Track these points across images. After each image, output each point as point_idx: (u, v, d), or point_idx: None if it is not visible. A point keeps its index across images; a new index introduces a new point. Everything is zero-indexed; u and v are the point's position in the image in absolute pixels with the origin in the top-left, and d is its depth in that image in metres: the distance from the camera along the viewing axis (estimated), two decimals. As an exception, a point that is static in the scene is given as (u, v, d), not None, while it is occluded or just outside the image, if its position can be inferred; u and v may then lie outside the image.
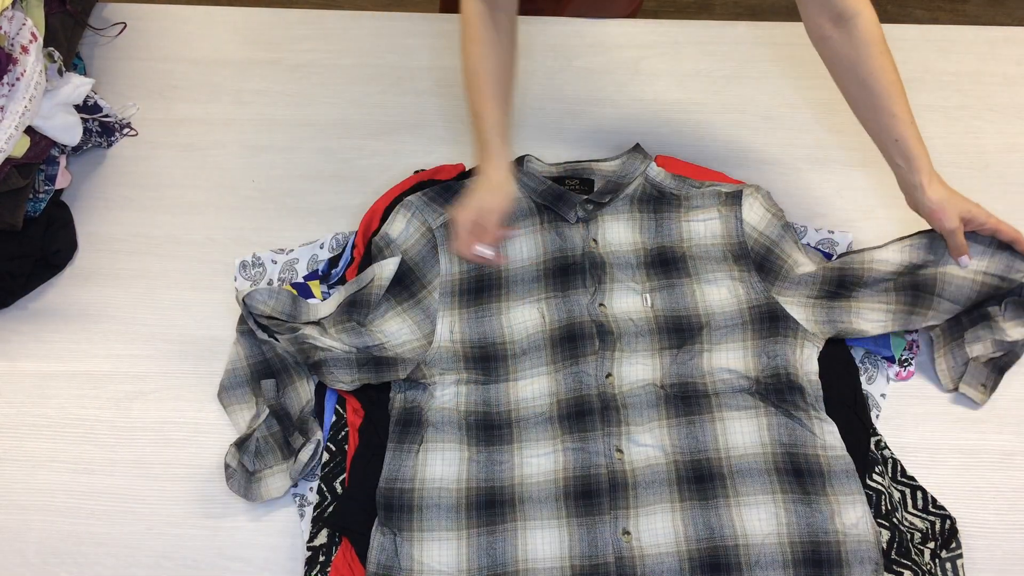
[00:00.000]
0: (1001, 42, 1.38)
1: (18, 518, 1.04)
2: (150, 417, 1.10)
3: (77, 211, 1.24)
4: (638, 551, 0.92)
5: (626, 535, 0.93)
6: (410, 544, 0.95)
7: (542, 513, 0.95)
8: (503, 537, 0.94)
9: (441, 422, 1.01)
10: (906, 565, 0.93)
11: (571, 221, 1.11)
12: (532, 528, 0.94)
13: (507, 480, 0.97)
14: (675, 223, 1.11)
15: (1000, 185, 1.25)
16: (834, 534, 0.92)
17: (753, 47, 1.38)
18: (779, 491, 0.95)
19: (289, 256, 1.20)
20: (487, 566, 0.93)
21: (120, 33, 1.40)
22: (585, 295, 1.06)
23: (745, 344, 1.03)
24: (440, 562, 0.94)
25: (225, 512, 1.04)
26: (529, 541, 0.94)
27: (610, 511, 0.94)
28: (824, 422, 0.99)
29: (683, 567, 0.91)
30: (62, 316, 1.17)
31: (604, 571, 0.91)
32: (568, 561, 0.93)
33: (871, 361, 1.10)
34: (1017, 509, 1.02)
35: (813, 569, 0.91)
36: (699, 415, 1.00)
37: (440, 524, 0.96)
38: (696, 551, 0.92)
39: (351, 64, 1.37)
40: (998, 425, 1.07)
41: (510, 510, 0.96)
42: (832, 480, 0.96)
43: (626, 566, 0.92)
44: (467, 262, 1.09)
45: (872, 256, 1.06)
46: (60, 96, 1.18)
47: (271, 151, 1.30)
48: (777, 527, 0.93)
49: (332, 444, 1.05)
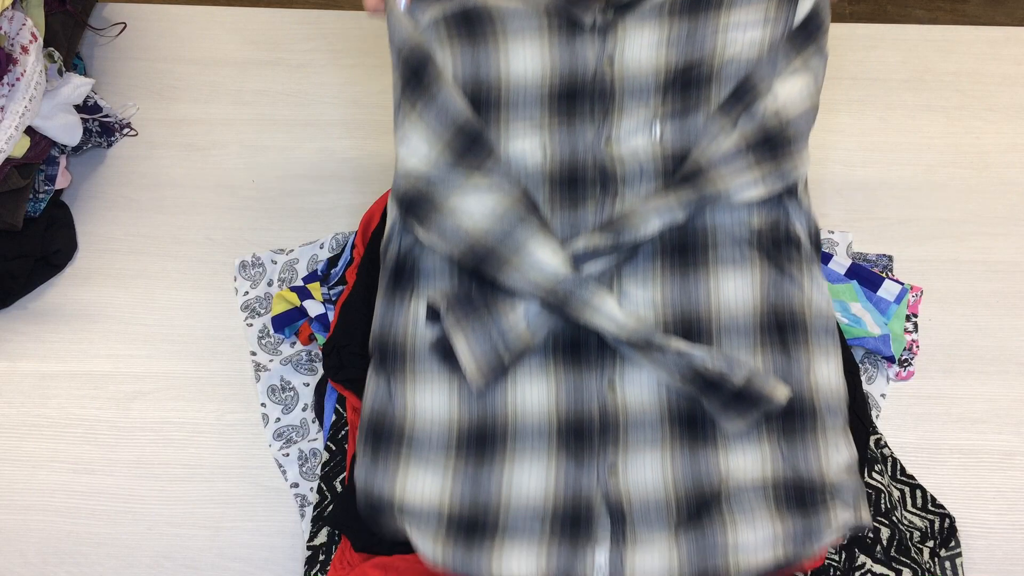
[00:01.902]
0: (1001, 42, 1.38)
1: (18, 518, 1.04)
2: (150, 417, 1.10)
3: (77, 211, 1.24)
4: (623, 485, 0.92)
5: (612, 471, 0.92)
6: (403, 387, 0.94)
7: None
8: (492, 387, 0.93)
9: (432, 269, 0.96)
10: (905, 563, 0.93)
11: (586, 27, 0.96)
12: (521, 376, 0.94)
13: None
14: (710, 29, 0.95)
15: (1000, 185, 1.25)
16: (808, 388, 0.92)
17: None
18: (760, 344, 0.94)
19: (289, 256, 1.20)
20: (478, 416, 0.93)
21: (120, 33, 1.40)
22: (591, 128, 0.97)
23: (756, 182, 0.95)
24: (432, 407, 0.93)
25: (225, 512, 1.04)
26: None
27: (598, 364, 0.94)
28: (815, 279, 0.97)
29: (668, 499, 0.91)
30: (62, 316, 1.17)
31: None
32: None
33: (871, 361, 1.10)
34: (1017, 509, 1.02)
35: (786, 421, 0.92)
36: (694, 268, 0.96)
37: (432, 368, 0.94)
38: (684, 490, 0.91)
39: (351, 64, 1.37)
40: (998, 425, 1.07)
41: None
42: (812, 335, 0.94)
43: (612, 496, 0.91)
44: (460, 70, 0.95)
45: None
46: (60, 96, 1.18)
47: (271, 151, 1.30)
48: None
49: (332, 443, 1.05)
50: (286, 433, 1.08)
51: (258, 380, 1.11)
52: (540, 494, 0.92)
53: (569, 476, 0.92)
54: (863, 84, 1.34)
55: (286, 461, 1.06)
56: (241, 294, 1.18)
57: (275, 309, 1.12)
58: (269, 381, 1.11)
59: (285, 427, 1.09)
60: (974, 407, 1.08)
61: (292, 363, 1.12)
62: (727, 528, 0.90)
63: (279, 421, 1.09)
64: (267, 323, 1.15)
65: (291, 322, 1.12)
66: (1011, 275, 1.18)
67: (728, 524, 0.90)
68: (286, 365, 1.12)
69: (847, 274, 1.14)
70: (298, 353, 1.13)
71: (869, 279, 1.13)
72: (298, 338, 1.13)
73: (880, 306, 1.12)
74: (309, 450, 1.07)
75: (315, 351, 1.13)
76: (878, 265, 1.17)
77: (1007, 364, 1.11)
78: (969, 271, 1.18)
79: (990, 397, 1.09)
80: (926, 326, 1.14)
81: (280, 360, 1.12)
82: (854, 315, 1.10)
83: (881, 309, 1.12)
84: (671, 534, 0.91)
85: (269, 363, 1.12)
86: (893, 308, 1.12)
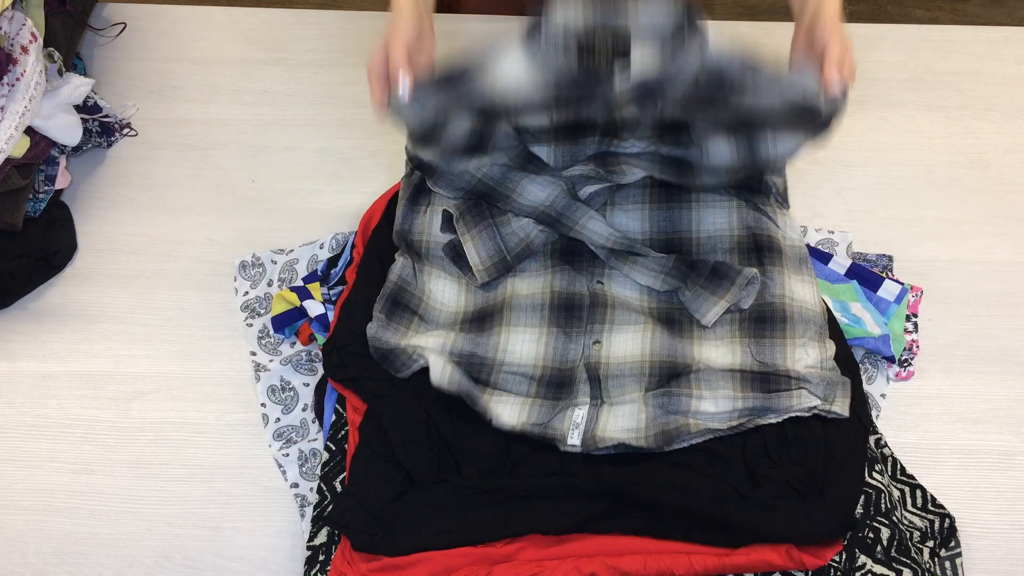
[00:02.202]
0: (1001, 42, 1.38)
1: (18, 518, 1.04)
2: (150, 417, 1.10)
3: (77, 211, 1.24)
4: (605, 356, 1.03)
5: (597, 344, 1.04)
6: (421, 275, 1.09)
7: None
8: (496, 283, 1.08)
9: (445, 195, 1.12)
10: (905, 563, 0.93)
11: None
12: (521, 273, 1.08)
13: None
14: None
15: (1000, 185, 1.25)
16: (781, 298, 1.04)
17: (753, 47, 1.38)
18: (738, 262, 1.06)
19: (289, 256, 1.20)
20: (482, 305, 1.07)
21: (120, 33, 1.40)
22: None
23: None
24: (443, 296, 1.08)
25: (225, 512, 1.04)
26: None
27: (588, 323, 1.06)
28: (788, 218, 1.12)
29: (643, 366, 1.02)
30: (62, 316, 1.17)
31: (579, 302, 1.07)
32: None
33: (871, 361, 1.10)
34: (1017, 509, 1.02)
35: (757, 325, 1.03)
36: (679, 203, 1.11)
37: (444, 266, 1.09)
38: (658, 363, 1.02)
39: (351, 64, 1.37)
40: (998, 425, 1.07)
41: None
42: (787, 261, 1.06)
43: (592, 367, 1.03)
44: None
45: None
46: (60, 96, 1.18)
47: (271, 151, 1.30)
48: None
49: (332, 443, 1.05)
50: (286, 433, 1.08)
51: (258, 380, 1.11)
52: (531, 359, 1.04)
53: (558, 346, 1.04)
54: (863, 84, 1.33)
55: (286, 461, 1.06)
56: (241, 294, 1.18)
57: (275, 309, 1.12)
58: (269, 381, 1.11)
59: (285, 427, 1.09)
60: (974, 407, 1.08)
61: (292, 363, 1.12)
62: (692, 396, 0.99)
63: (279, 421, 1.09)
64: (267, 323, 1.15)
65: (291, 322, 1.12)
66: (1011, 275, 1.18)
67: (693, 392, 1.00)
68: (286, 365, 1.12)
69: (847, 274, 1.14)
70: (298, 353, 1.13)
71: (869, 279, 1.13)
72: (298, 338, 1.13)
73: (880, 306, 1.12)
74: (309, 450, 1.07)
75: (315, 351, 1.13)
76: (878, 265, 1.17)
77: (1007, 364, 1.11)
78: (969, 271, 1.18)
79: (990, 397, 1.09)
80: (926, 326, 1.14)
81: (280, 360, 1.12)
82: (854, 315, 1.10)
83: (881, 309, 1.12)
84: (642, 397, 1.01)
85: (269, 363, 1.12)
86: (893, 308, 1.12)
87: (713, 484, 0.96)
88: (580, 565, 0.93)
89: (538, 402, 1.02)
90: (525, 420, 1.01)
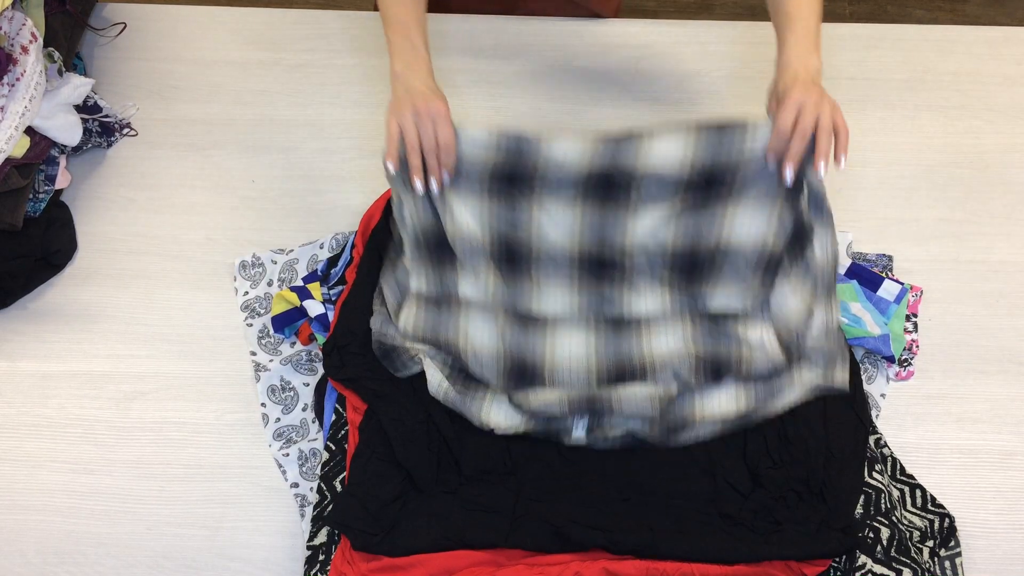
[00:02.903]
0: (1001, 42, 1.38)
1: (18, 518, 1.04)
2: (150, 417, 1.10)
3: (77, 211, 1.24)
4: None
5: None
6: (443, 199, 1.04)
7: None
8: (520, 206, 1.05)
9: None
10: (905, 563, 0.93)
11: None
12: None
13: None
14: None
15: (1000, 185, 1.25)
16: (717, 238, 1.03)
17: (753, 47, 1.38)
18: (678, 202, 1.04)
19: (289, 256, 1.20)
20: (505, 234, 1.06)
21: (120, 33, 1.40)
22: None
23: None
24: (465, 220, 1.04)
25: (225, 512, 1.04)
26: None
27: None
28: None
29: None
30: (62, 316, 1.17)
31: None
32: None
33: (871, 361, 1.10)
34: (1017, 509, 1.02)
35: (689, 272, 1.04)
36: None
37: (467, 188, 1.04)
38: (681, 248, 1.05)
39: (351, 64, 1.37)
40: (998, 425, 1.07)
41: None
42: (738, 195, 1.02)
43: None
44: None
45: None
46: (60, 96, 1.18)
47: (271, 151, 1.30)
48: (672, 238, 1.04)
49: (332, 443, 1.05)
50: (286, 433, 1.08)
51: (258, 380, 1.11)
52: (566, 243, 1.05)
53: (594, 230, 1.04)
54: (863, 84, 1.34)
55: (286, 461, 1.06)
56: (241, 294, 1.18)
57: (275, 309, 1.12)
58: (269, 381, 1.11)
59: (285, 427, 1.09)
60: (974, 407, 1.08)
61: (292, 363, 1.12)
62: (711, 282, 1.04)
63: (279, 421, 1.09)
64: (267, 323, 1.15)
65: (291, 322, 1.12)
66: (1011, 275, 1.18)
67: (712, 279, 1.04)
68: (286, 365, 1.12)
69: (847, 274, 1.14)
70: (298, 353, 1.13)
71: (869, 279, 1.13)
72: (298, 338, 1.13)
73: (880, 306, 1.12)
74: (309, 450, 1.07)
75: (315, 351, 1.13)
76: (878, 265, 1.17)
77: (1007, 364, 1.11)
78: (969, 271, 1.18)
79: (990, 397, 1.09)
80: (926, 326, 1.14)
81: (280, 360, 1.12)
82: (854, 315, 1.10)
83: (881, 309, 1.12)
84: (667, 279, 1.05)
85: (269, 363, 1.12)
86: (893, 308, 1.12)
87: (723, 534, 0.95)
88: (581, 570, 0.93)
89: (582, 283, 1.06)
90: (523, 426, 1.01)
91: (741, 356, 1.01)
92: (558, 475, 1.00)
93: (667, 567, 0.93)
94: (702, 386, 1.01)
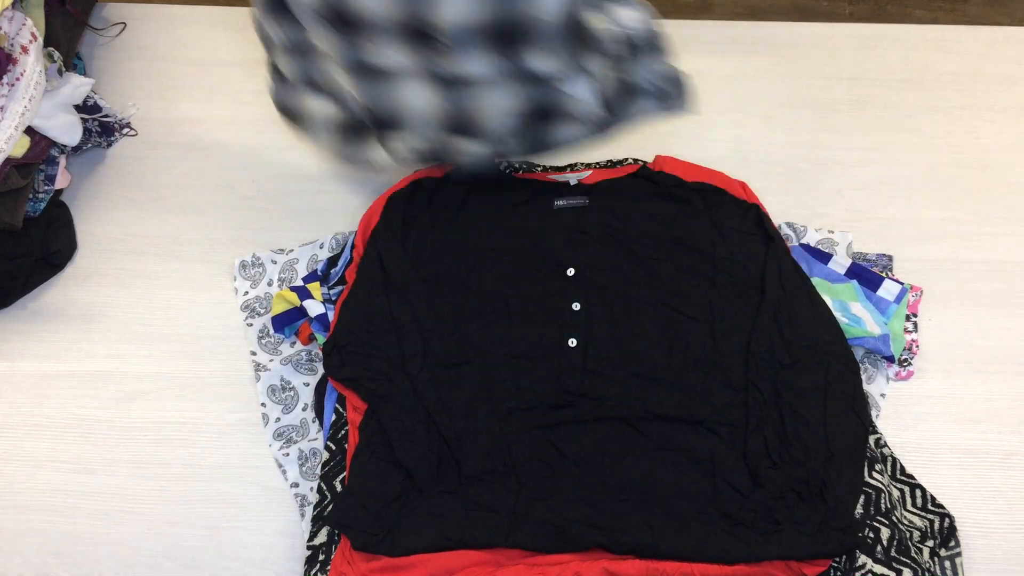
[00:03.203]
0: (1001, 42, 1.38)
1: (18, 518, 1.04)
2: (150, 417, 1.10)
3: (77, 211, 1.24)
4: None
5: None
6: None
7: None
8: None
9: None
10: (905, 563, 0.93)
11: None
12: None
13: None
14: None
15: (1000, 185, 1.25)
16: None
17: (753, 47, 1.38)
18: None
19: (289, 256, 1.20)
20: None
21: (120, 33, 1.40)
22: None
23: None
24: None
25: (225, 512, 1.04)
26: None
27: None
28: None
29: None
30: (62, 316, 1.17)
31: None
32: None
33: (871, 361, 1.10)
34: (1017, 509, 1.02)
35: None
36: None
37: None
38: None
39: (351, 64, 1.37)
40: (998, 425, 1.07)
41: None
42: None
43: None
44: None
45: None
46: (60, 96, 1.18)
47: (271, 151, 1.30)
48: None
49: (332, 443, 1.05)
50: (286, 433, 1.08)
51: (258, 380, 1.11)
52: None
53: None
54: (863, 84, 1.34)
55: (286, 461, 1.06)
56: (241, 294, 1.18)
57: (275, 309, 1.12)
58: (269, 381, 1.11)
59: (285, 427, 1.09)
60: (974, 407, 1.08)
61: (292, 363, 1.12)
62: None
63: (279, 421, 1.09)
64: (267, 323, 1.15)
65: (291, 322, 1.12)
66: (1011, 275, 1.18)
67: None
68: (286, 365, 1.12)
69: (847, 274, 1.14)
70: (298, 353, 1.13)
71: (869, 279, 1.13)
72: (298, 338, 1.13)
73: (880, 306, 1.12)
74: (309, 450, 1.07)
75: (315, 351, 1.13)
76: (878, 265, 1.17)
77: (1007, 364, 1.11)
78: (969, 271, 1.18)
79: (990, 397, 1.09)
80: (926, 326, 1.14)
81: (280, 360, 1.12)
82: (854, 315, 1.10)
83: (881, 309, 1.12)
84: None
85: (269, 363, 1.12)
86: (893, 308, 1.12)
87: (722, 537, 0.95)
88: (582, 570, 0.93)
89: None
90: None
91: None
92: (558, 475, 1.00)
93: (667, 567, 0.93)
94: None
